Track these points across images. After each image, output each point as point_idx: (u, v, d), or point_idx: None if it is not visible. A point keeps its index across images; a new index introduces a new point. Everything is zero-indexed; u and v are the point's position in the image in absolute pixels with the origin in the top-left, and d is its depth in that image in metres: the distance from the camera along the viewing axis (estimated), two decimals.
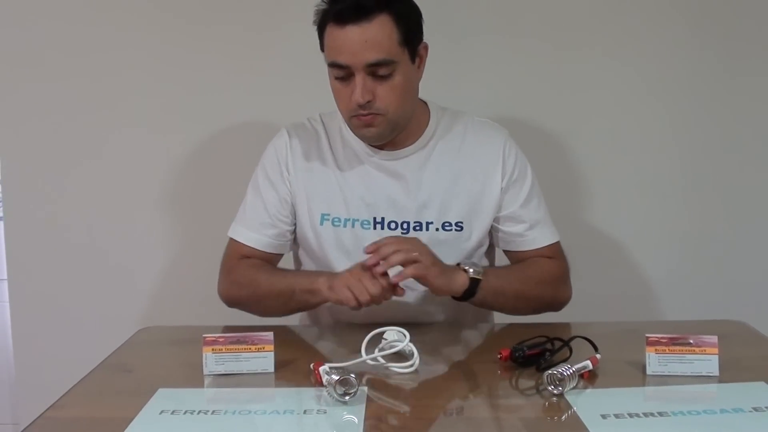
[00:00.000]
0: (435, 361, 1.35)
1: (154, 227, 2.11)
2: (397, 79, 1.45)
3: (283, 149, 1.60)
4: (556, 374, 1.15)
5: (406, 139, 1.57)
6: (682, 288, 2.09)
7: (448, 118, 1.61)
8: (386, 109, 1.47)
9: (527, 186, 1.59)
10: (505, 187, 1.57)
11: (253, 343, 1.26)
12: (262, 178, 1.61)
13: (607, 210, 2.09)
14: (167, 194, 2.10)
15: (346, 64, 1.43)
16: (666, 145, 2.07)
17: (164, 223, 2.11)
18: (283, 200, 1.59)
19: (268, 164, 1.61)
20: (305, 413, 1.09)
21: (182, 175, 2.09)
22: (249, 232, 1.60)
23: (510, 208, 1.58)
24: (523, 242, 1.59)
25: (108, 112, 2.07)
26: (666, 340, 1.22)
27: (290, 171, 1.59)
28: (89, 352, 1.37)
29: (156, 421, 1.07)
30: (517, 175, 1.58)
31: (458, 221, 1.57)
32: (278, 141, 1.62)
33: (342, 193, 1.57)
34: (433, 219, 1.56)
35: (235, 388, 1.21)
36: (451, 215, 1.56)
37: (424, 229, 1.56)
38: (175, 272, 2.12)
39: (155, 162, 2.08)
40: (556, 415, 1.10)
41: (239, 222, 1.62)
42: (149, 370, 1.34)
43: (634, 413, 1.06)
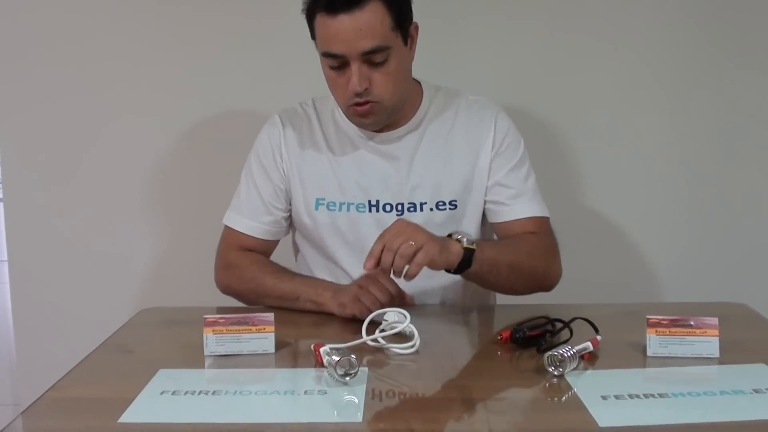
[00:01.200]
0: (435, 342, 1.35)
1: (153, 211, 2.11)
2: (392, 64, 1.45)
3: (275, 136, 1.60)
4: (556, 355, 1.15)
5: (398, 121, 1.57)
6: (682, 270, 2.10)
7: (441, 97, 1.61)
8: (383, 95, 1.46)
9: (517, 157, 1.58)
10: (493, 157, 1.57)
11: (254, 324, 1.26)
12: (256, 166, 1.61)
13: (607, 193, 2.09)
14: (165, 179, 2.10)
15: (341, 53, 1.42)
16: (665, 128, 2.06)
17: (162, 207, 2.11)
18: (277, 187, 1.59)
19: (261, 151, 1.61)
20: (305, 394, 1.09)
21: (178, 161, 2.09)
22: (244, 220, 1.60)
23: (496, 175, 1.56)
24: (508, 211, 1.56)
25: (105, 99, 2.06)
26: (667, 322, 1.22)
27: (284, 157, 1.59)
28: (90, 333, 1.38)
29: (156, 401, 1.07)
30: (506, 146, 1.57)
31: (452, 200, 1.56)
32: (271, 128, 1.62)
33: (336, 178, 1.57)
34: (427, 199, 1.56)
35: (235, 368, 1.21)
36: (445, 194, 1.56)
37: (418, 209, 1.56)
38: (175, 255, 2.12)
39: (152, 147, 2.08)
40: (556, 396, 1.10)
41: (234, 210, 1.62)
42: (150, 350, 1.34)
43: (634, 394, 1.06)
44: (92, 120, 2.07)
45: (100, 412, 1.04)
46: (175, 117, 2.07)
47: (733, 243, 2.09)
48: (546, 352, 1.16)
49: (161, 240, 2.12)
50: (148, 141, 2.08)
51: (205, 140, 2.07)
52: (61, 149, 2.09)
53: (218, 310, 1.37)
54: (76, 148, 2.09)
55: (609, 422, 0.98)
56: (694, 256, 2.09)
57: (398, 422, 1.03)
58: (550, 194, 1.64)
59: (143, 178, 2.10)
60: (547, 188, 1.64)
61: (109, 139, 2.08)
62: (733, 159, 2.07)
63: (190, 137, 2.08)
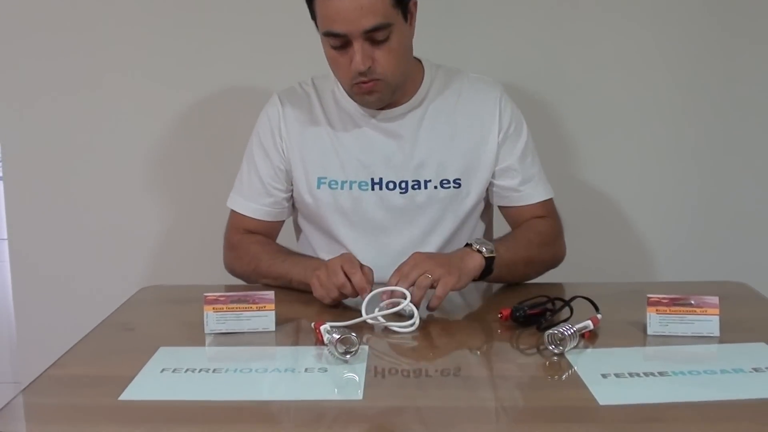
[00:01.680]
0: (435, 320, 1.35)
1: (155, 189, 2.11)
2: (393, 41, 1.44)
3: (275, 116, 1.60)
4: (556, 334, 1.15)
5: (400, 98, 1.56)
6: (682, 250, 2.09)
7: (442, 75, 1.60)
8: (386, 73, 1.46)
9: (523, 140, 1.59)
10: (501, 141, 1.57)
11: (254, 302, 1.27)
12: (256, 147, 1.61)
13: (606, 173, 2.08)
14: (167, 158, 2.09)
15: (343, 32, 1.41)
16: (667, 105, 2.05)
17: (164, 186, 2.11)
18: (277, 168, 1.59)
19: (261, 132, 1.61)
20: (306, 371, 1.09)
21: (181, 141, 2.08)
22: (246, 202, 1.61)
23: (506, 161, 1.58)
24: (518, 197, 1.59)
25: (107, 75, 2.05)
26: (667, 301, 1.22)
27: (283, 137, 1.59)
28: (90, 310, 1.38)
29: (157, 379, 1.07)
30: (513, 130, 1.58)
31: (456, 178, 1.57)
32: (270, 108, 1.61)
33: (337, 156, 1.57)
34: (431, 177, 1.56)
35: (235, 346, 1.21)
36: (449, 172, 1.56)
37: (422, 187, 1.56)
38: (176, 233, 2.12)
39: (154, 127, 2.07)
40: (556, 374, 1.10)
41: (237, 192, 1.63)
42: (150, 328, 1.35)
43: (634, 372, 1.06)
44: (94, 100, 2.06)
45: (101, 390, 1.04)
46: (179, 97, 2.06)
47: (733, 222, 2.08)
48: (546, 331, 1.16)
49: (162, 219, 2.12)
50: (150, 120, 2.07)
51: (208, 120, 2.06)
52: (62, 128, 2.08)
53: (218, 289, 1.37)
54: (77, 126, 2.08)
55: (609, 400, 0.98)
56: (693, 235, 2.09)
57: (398, 400, 1.03)
58: (549, 174, 1.64)
59: (146, 157, 2.09)
60: (546, 168, 1.64)
61: (111, 119, 2.07)
62: (732, 139, 2.06)
63: (193, 117, 2.07)
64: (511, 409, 1.02)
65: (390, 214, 1.56)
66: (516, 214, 1.61)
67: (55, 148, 2.09)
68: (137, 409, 0.99)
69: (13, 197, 2.11)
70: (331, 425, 0.97)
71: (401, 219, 1.57)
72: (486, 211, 1.66)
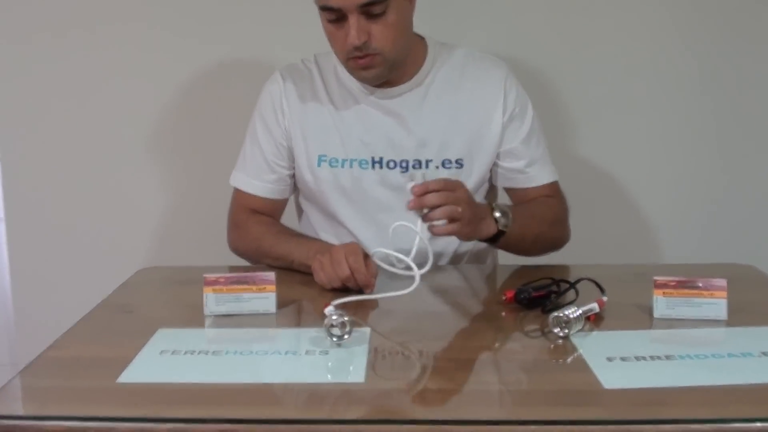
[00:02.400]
0: (438, 302, 1.35)
1: (155, 168, 2.09)
2: (390, 16, 1.43)
3: (276, 92, 1.59)
4: (561, 316, 1.14)
5: (402, 76, 1.55)
6: (690, 231, 2.08)
7: (446, 53, 1.59)
8: (383, 48, 1.45)
9: (528, 121, 1.58)
10: (506, 123, 1.56)
11: (255, 283, 1.26)
12: (259, 124, 1.60)
13: (613, 150, 2.07)
14: (167, 135, 2.07)
15: (338, 6, 1.40)
16: (671, 82, 2.03)
17: (165, 165, 2.10)
18: (280, 145, 1.59)
19: (263, 109, 1.60)
20: (307, 354, 1.09)
21: (182, 115, 2.06)
22: (249, 179, 1.61)
23: (511, 143, 1.57)
24: (524, 179, 1.59)
25: (104, 49, 2.03)
26: (674, 283, 1.21)
27: (285, 113, 1.58)
28: (89, 291, 1.38)
29: (156, 361, 1.07)
30: (518, 111, 1.57)
31: (458, 158, 1.56)
32: (272, 84, 1.61)
33: (339, 134, 1.56)
34: (433, 157, 1.55)
35: (235, 328, 1.21)
36: (451, 152, 1.55)
37: (423, 166, 1.55)
38: (177, 212, 2.11)
39: (156, 99, 2.05)
40: (561, 358, 1.10)
41: (239, 169, 1.63)
42: (149, 310, 1.34)
43: (640, 356, 1.06)
44: (94, 73, 2.04)
45: (99, 372, 1.04)
46: (181, 73, 2.04)
47: (742, 204, 2.07)
48: (551, 313, 1.16)
49: (163, 198, 2.10)
50: (151, 96, 2.05)
51: (211, 97, 2.04)
52: (60, 103, 2.06)
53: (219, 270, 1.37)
54: (75, 101, 2.06)
55: (614, 384, 0.98)
56: (701, 216, 2.08)
57: (401, 382, 1.03)
58: (554, 154, 1.63)
59: (146, 134, 2.07)
60: (551, 148, 1.63)
61: (110, 94, 2.05)
62: (744, 118, 2.04)
63: (195, 94, 2.05)
64: (515, 392, 1.02)
65: (391, 194, 1.56)
66: (522, 196, 1.60)
67: (52, 125, 2.07)
68: (136, 391, 0.99)
69: (10, 176, 2.10)
70: (333, 408, 0.96)
71: (402, 198, 1.55)
72: (489, 193, 1.65)
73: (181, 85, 2.05)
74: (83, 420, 0.92)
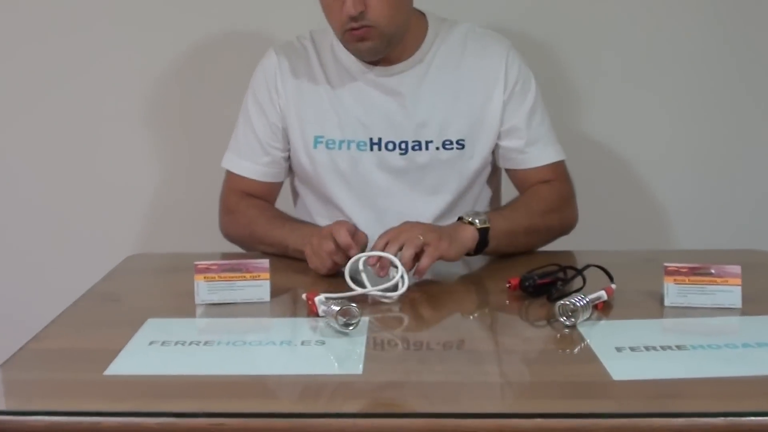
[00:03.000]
0: (440, 290, 1.35)
1: (145, 147, 2.08)
2: None
3: (271, 71, 1.59)
4: (568, 305, 1.14)
5: (401, 54, 1.55)
6: (703, 215, 2.08)
7: (446, 29, 1.59)
8: (379, 20, 1.44)
9: (530, 99, 1.58)
10: (506, 100, 1.56)
11: (248, 270, 1.26)
12: (252, 103, 1.60)
13: (623, 129, 2.06)
14: (157, 114, 2.07)
15: None
16: (687, 55, 2.01)
17: (156, 143, 2.09)
18: (274, 125, 1.59)
19: (257, 88, 1.60)
20: (302, 344, 1.09)
21: (173, 93, 2.05)
22: (242, 161, 1.60)
23: (511, 121, 1.56)
24: (524, 159, 1.58)
25: (92, 24, 2.02)
26: (686, 270, 1.21)
27: (280, 93, 1.58)
28: (73, 280, 1.37)
29: (145, 352, 1.07)
30: (519, 88, 1.57)
31: (459, 139, 1.56)
32: (266, 62, 1.61)
33: (336, 114, 1.56)
34: (433, 137, 1.55)
35: (228, 318, 1.21)
36: (452, 133, 1.55)
37: (423, 148, 1.55)
38: (166, 196, 2.10)
39: (145, 76, 2.05)
40: (568, 348, 1.10)
41: (232, 151, 1.63)
42: (138, 299, 1.34)
43: (650, 346, 1.05)
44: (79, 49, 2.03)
45: (85, 365, 1.04)
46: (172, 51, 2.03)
47: (757, 187, 2.07)
48: (557, 301, 1.16)
49: (151, 182, 2.10)
50: (140, 73, 2.04)
51: (202, 75, 2.04)
52: (40, 80, 2.04)
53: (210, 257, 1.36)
54: (57, 78, 2.04)
55: (623, 375, 0.98)
56: (713, 200, 2.07)
57: (400, 374, 1.03)
58: (560, 132, 1.63)
59: (134, 113, 2.06)
60: (556, 126, 1.62)
61: (97, 70, 2.04)
62: (761, 95, 2.03)
63: (186, 72, 2.04)
64: (519, 384, 1.02)
65: (390, 176, 1.56)
66: (522, 177, 1.60)
67: (32, 103, 2.06)
68: (124, 384, 0.99)
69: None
70: (330, 401, 0.97)
71: (401, 181, 1.56)
72: (493, 176, 1.65)
73: (171, 62, 2.04)
74: (68, 415, 0.91)
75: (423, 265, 1.32)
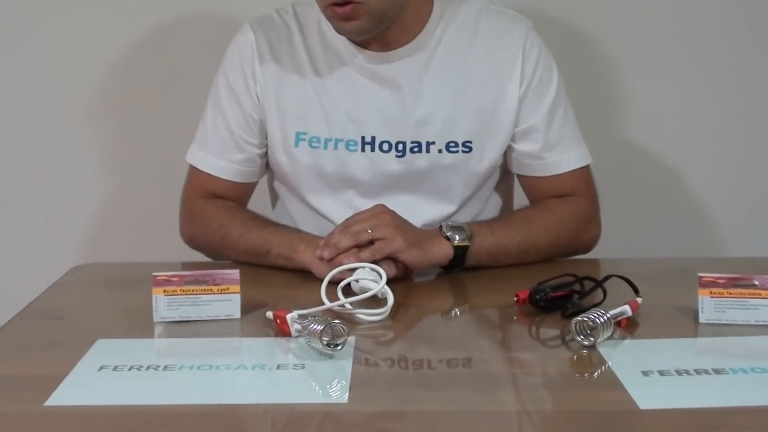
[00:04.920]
0: (435, 304, 1.36)
1: (96, 139, 2.09)
2: None
3: (247, 51, 1.58)
4: (586, 322, 1.14)
5: (401, 36, 1.54)
6: (742, 217, 2.09)
7: (454, 7, 1.58)
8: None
9: (551, 94, 1.57)
10: (522, 95, 1.56)
11: (215, 283, 1.26)
12: (224, 89, 1.59)
13: (648, 122, 2.07)
14: (110, 99, 2.07)
15: None
16: (728, 52, 2.03)
17: (108, 135, 2.09)
18: (250, 117, 1.58)
19: (230, 71, 1.59)
20: (279, 369, 1.10)
21: (126, 76, 2.06)
22: (210, 158, 1.59)
23: (528, 121, 1.56)
24: (539, 166, 1.58)
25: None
26: (724, 281, 1.21)
27: (257, 80, 1.57)
28: (9, 295, 1.38)
29: (94, 378, 1.07)
30: (538, 80, 1.56)
31: (466, 140, 1.55)
32: (241, 40, 1.60)
33: (322, 107, 1.56)
34: (436, 138, 1.55)
35: (192, 338, 1.21)
36: (458, 133, 1.55)
37: (424, 150, 1.55)
38: (119, 196, 2.10)
39: (96, 58, 2.05)
40: (586, 372, 1.10)
41: (200, 145, 1.61)
42: (85, 317, 1.34)
43: (683, 369, 1.06)
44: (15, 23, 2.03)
45: (22, 394, 1.03)
46: (126, 27, 2.03)
47: None
48: (574, 318, 1.16)
49: (101, 179, 2.10)
50: (89, 51, 2.04)
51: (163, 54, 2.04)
52: None
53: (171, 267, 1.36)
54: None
55: (652, 404, 0.98)
56: (755, 200, 2.09)
57: (392, 403, 1.03)
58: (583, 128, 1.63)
59: (80, 99, 2.06)
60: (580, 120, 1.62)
61: (38, 47, 2.04)
62: None
63: (144, 52, 2.04)
64: (530, 414, 1.02)
65: (383, 182, 1.55)
66: (534, 186, 1.60)
67: None
68: (69, 416, 0.98)
69: None
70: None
71: (397, 189, 1.56)
72: (504, 181, 1.65)
73: (128, 38, 2.05)
74: None
75: (363, 256, 1.36)
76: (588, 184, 1.60)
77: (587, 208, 1.59)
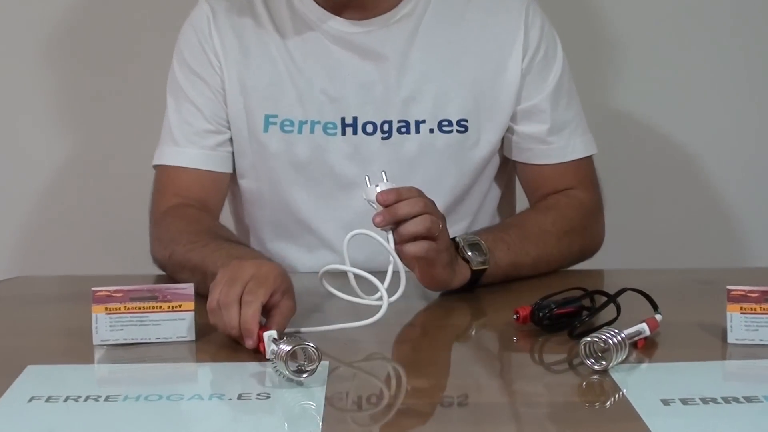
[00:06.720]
0: (424, 323, 1.35)
1: (36, 131, 2.11)
2: None
3: (203, 23, 1.59)
4: (597, 343, 1.14)
5: (384, 2, 1.55)
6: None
7: None
8: None
9: (557, 70, 1.59)
10: (525, 69, 1.57)
11: (166, 299, 1.26)
12: (182, 72, 1.60)
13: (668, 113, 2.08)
14: (50, 91, 2.09)
15: None
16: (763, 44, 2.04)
17: (50, 127, 2.10)
18: (217, 92, 1.59)
19: (187, 51, 1.60)
20: (240, 398, 1.09)
21: (69, 67, 2.08)
22: (181, 149, 1.59)
23: (532, 98, 1.58)
24: (543, 152, 1.59)
25: None
26: (756, 295, 1.21)
27: (218, 54, 1.58)
28: None
29: (23, 411, 1.06)
30: (543, 54, 1.58)
31: (461, 119, 1.56)
32: (196, 15, 1.61)
33: (294, 85, 1.57)
34: (426, 116, 1.56)
35: (138, 363, 1.20)
36: (451, 110, 1.56)
37: (413, 130, 1.56)
38: (53, 200, 2.11)
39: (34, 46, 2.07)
40: (598, 401, 1.10)
41: (165, 142, 1.61)
42: (13, 339, 1.33)
43: (709, 398, 1.05)
44: None
45: None
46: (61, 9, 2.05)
47: None
48: (583, 339, 1.15)
49: (40, 177, 2.10)
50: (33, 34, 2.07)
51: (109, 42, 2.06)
52: None
53: (115, 281, 1.35)
54: None
55: None
56: None
57: None
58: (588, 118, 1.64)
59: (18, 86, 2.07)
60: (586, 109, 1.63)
61: None
62: None
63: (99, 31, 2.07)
64: None
65: (366, 170, 1.54)
66: (536, 176, 1.61)
67: None
68: None
69: None
70: None
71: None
72: (503, 170, 1.66)
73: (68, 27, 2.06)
74: None
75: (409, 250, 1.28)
76: (592, 176, 1.63)
77: (593, 204, 1.61)
